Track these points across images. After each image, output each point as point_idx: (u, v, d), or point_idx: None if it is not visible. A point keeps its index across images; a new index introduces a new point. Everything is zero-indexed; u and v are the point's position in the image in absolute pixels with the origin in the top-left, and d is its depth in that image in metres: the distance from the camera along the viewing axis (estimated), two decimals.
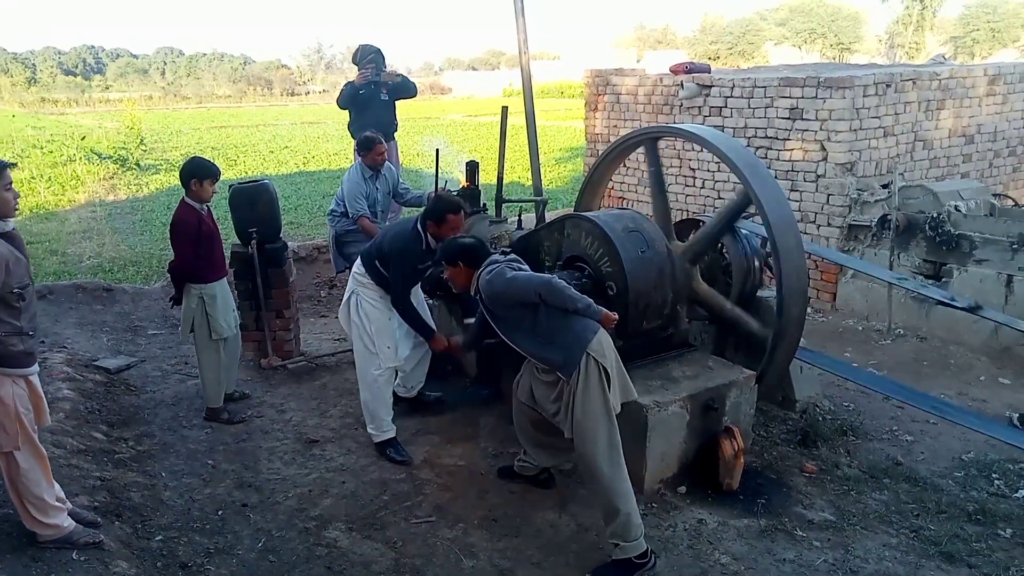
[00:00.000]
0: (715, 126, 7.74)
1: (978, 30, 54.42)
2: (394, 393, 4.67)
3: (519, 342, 3.48)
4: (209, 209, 4.76)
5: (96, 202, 12.44)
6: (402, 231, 4.42)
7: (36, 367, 3.23)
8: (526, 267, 3.60)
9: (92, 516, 3.55)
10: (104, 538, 3.41)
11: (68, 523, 3.35)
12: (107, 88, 69.76)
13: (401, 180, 6.29)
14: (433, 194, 5.63)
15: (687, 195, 8.57)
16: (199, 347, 4.84)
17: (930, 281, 6.45)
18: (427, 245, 4.32)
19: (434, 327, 4.67)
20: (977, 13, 55.04)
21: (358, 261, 4.59)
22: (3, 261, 2.94)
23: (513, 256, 3.69)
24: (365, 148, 5.78)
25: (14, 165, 3.18)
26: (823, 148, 7.19)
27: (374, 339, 4.44)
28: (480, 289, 3.53)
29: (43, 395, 3.30)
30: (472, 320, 4.32)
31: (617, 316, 3.48)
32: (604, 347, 3.36)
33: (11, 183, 3.06)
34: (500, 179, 5.66)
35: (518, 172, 14.16)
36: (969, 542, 3.67)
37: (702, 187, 8.42)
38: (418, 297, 4.80)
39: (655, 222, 4.65)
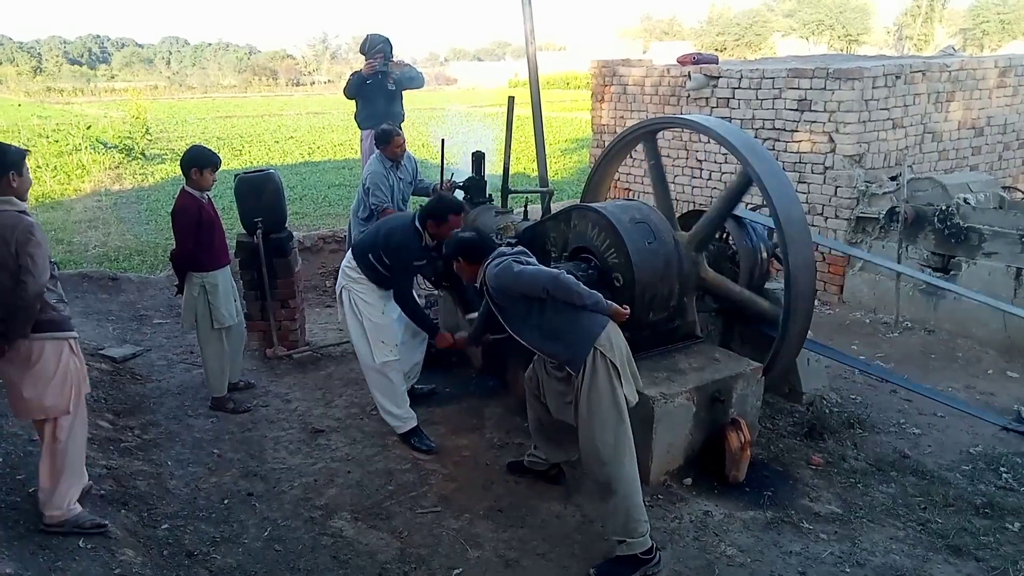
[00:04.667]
0: (722, 117, 7.69)
1: (988, 21, 54.00)
2: None
3: (525, 336, 3.44)
4: (210, 198, 4.75)
5: (102, 191, 12.45)
6: (400, 226, 4.36)
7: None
8: (533, 260, 3.55)
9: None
10: (110, 524, 3.43)
11: (76, 507, 3.43)
12: (112, 77, 69.73)
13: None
14: (439, 187, 5.60)
15: (694, 187, 8.53)
16: (202, 336, 4.84)
17: (938, 274, 6.41)
18: (425, 243, 4.29)
19: (438, 324, 4.62)
20: (987, 4, 54.61)
21: (348, 254, 4.53)
22: (45, 237, 3.29)
23: (520, 248, 3.65)
24: (383, 141, 5.74)
25: (29, 152, 3.46)
26: (831, 140, 7.14)
27: (370, 335, 4.41)
28: (486, 281, 3.49)
29: (83, 359, 3.50)
30: (475, 315, 4.30)
31: (628, 310, 3.43)
32: (612, 342, 3.30)
33: (27, 168, 3.36)
34: (506, 170, 5.64)
35: (524, 163, 14.14)
36: (977, 535, 3.66)
37: (708, 179, 8.38)
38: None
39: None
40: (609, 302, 3.36)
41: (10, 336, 3.21)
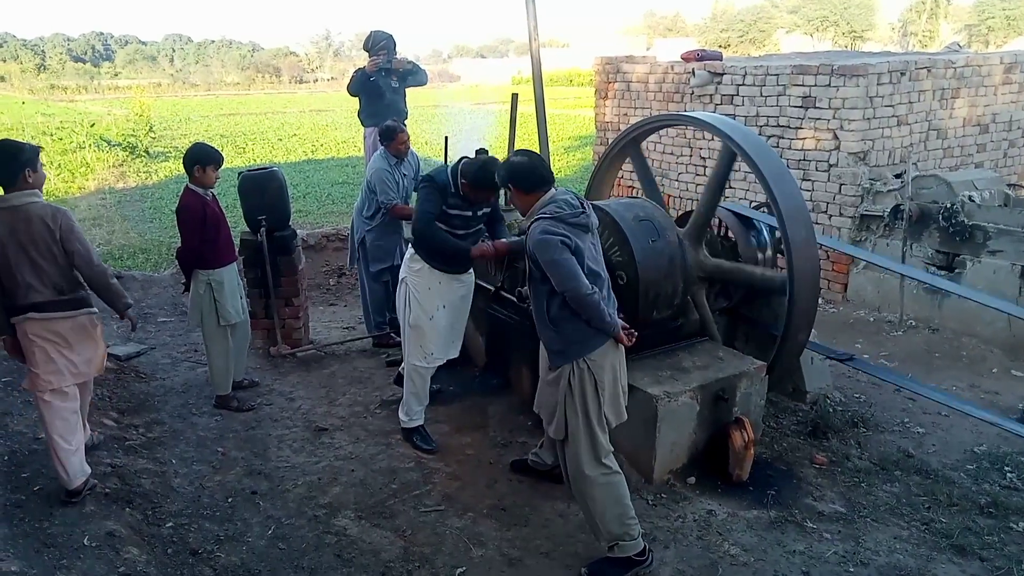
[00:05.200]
0: (726, 114, 7.67)
1: (993, 18, 53.79)
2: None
3: (535, 302, 3.32)
4: (214, 195, 4.75)
5: (106, 189, 12.48)
6: (438, 169, 4.31)
7: None
8: (589, 239, 3.27)
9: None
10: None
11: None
12: (116, 75, 69.92)
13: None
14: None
15: (698, 184, 8.51)
16: (207, 334, 4.84)
17: (943, 272, 6.39)
18: (456, 189, 4.17)
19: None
20: (992, 0, 54.37)
21: (409, 248, 4.44)
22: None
23: (582, 212, 3.25)
24: (388, 138, 5.73)
25: (42, 149, 3.78)
26: (836, 137, 7.12)
27: (412, 332, 4.34)
28: (529, 235, 3.29)
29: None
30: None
31: (634, 340, 3.32)
32: (606, 362, 3.23)
33: (42, 164, 3.66)
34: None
35: None
36: (981, 535, 3.65)
37: None
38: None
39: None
40: (617, 325, 3.24)
41: (119, 309, 3.89)
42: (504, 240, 4.35)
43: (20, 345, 3.64)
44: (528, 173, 3.31)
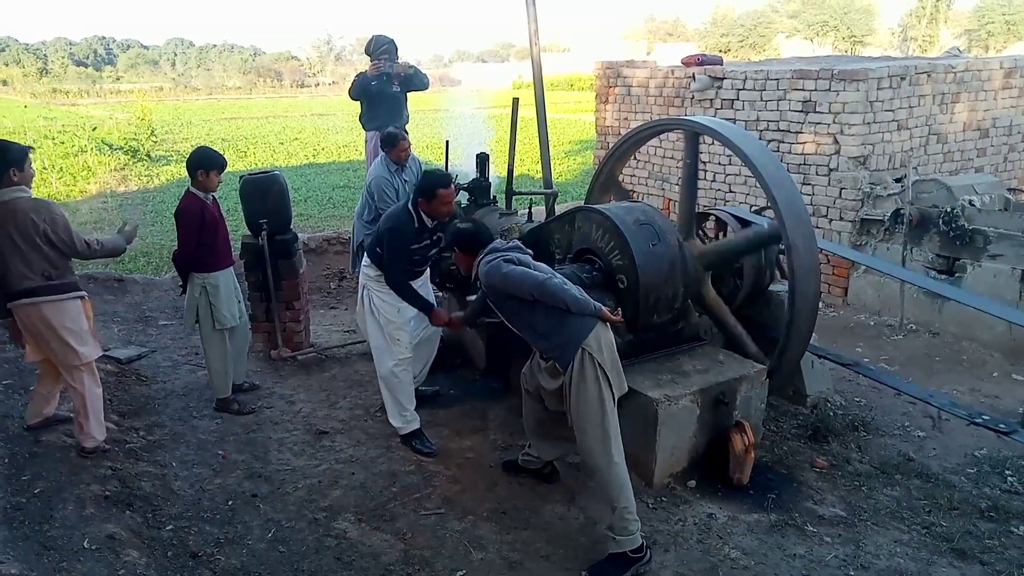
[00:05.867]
0: (727, 119, 7.66)
1: (993, 22, 53.82)
2: None
3: (517, 327, 3.52)
4: (214, 198, 4.76)
5: (107, 193, 12.50)
6: (394, 212, 4.43)
7: None
8: (528, 256, 3.57)
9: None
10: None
11: (103, 436, 4.21)
12: (118, 79, 70.03)
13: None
14: None
15: (699, 188, 8.51)
16: (204, 338, 4.85)
17: (943, 276, 6.39)
18: (420, 222, 4.28)
19: (434, 303, 4.61)
20: (992, 5, 54.42)
21: (365, 256, 4.58)
22: (63, 211, 4.00)
23: (515, 244, 3.65)
24: (389, 144, 5.75)
25: (32, 148, 4.11)
26: (836, 141, 7.13)
27: (385, 331, 4.44)
28: (479, 276, 3.55)
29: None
30: (474, 297, 4.30)
31: (620, 316, 3.48)
32: (601, 343, 3.35)
33: (31, 162, 3.96)
34: (510, 171, 5.64)
35: (528, 165, 14.14)
36: (982, 539, 3.64)
37: (713, 180, 8.37)
38: (426, 288, 4.79)
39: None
40: (599, 305, 3.38)
41: (121, 250, 4.38)
42: (458, 314, 4.56)
43: (18, 331, 4.09)
44: (470, 236, 3.67)
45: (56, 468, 3.92)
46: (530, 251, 3.64)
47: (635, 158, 8.66)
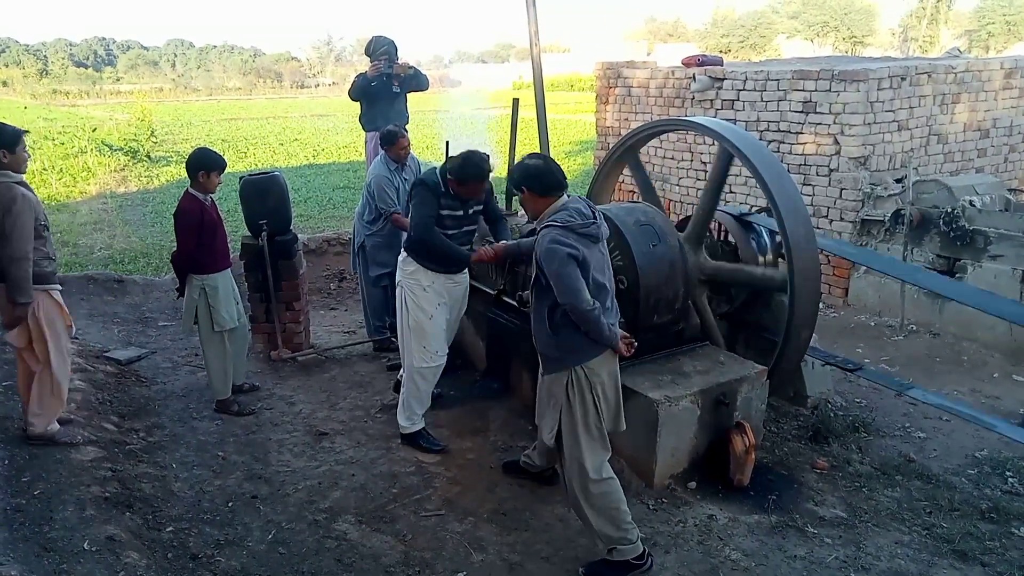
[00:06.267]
0: (727, 119, 7.67)
1: (993, 23, 53.85)
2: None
3: (537, 305, 3.31)
4: (213, 200, 4.76)
5: (107, 194, 12.49)
6: (428, 171, 4.37)
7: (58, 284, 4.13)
8: (602, 238, 3.25)
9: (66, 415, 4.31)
10: (80, 437, 4.04)
11: (55, 425, 4.11)
12: (118, 80, 70.03)
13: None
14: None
15: (699, 189, 8.51)
16: (203, 339, 4.84)
17: (943, 277, 6.38)
18: (447, 189, 4.22)
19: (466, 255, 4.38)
20: (992, 6, 54.45)
21: (402, 252, 4.46)
22: (37, 203, 3.89)
23: (592, 222, 3.19)
24: (389, 142, 5.74)
25: (27, 132, 4.01)
26: (836, 142, 7.13)
27: (414, 333, 4.34)
28: (539, 240, 3.21)
29: (64, 305, 4.15)
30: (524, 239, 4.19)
31: (633, 350, 3.35)
32: (604, 372, 3.24)
33: (26, 146, 3.89)
34: (511, 172, 5.62)
35: None
36: (983, 540, 3.64)
37: None
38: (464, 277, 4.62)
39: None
40: (616, 339, 3.24)
41: (8, 297, 3.85)
42: (504, 242, 4.36)
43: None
44: (542, 176, 3.27)
45: (56, 470, 3.92)
46: (605, 227, 3.29)
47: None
